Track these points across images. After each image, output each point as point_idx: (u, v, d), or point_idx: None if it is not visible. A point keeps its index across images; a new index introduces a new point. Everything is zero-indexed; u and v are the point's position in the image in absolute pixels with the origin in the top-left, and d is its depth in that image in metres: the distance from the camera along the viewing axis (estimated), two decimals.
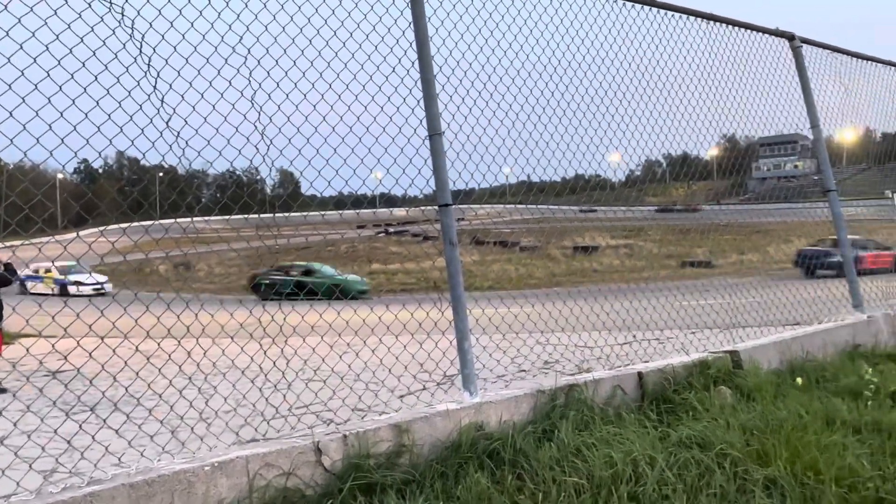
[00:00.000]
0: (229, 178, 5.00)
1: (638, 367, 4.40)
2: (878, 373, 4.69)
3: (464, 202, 6.00)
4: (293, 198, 5.37)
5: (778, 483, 3.08)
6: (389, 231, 41.38)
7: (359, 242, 38.48)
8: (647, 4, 5.00)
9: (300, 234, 14.99)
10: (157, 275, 22.54)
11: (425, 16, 3.84)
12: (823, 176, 6.27)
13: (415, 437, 3.37)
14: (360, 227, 45.96)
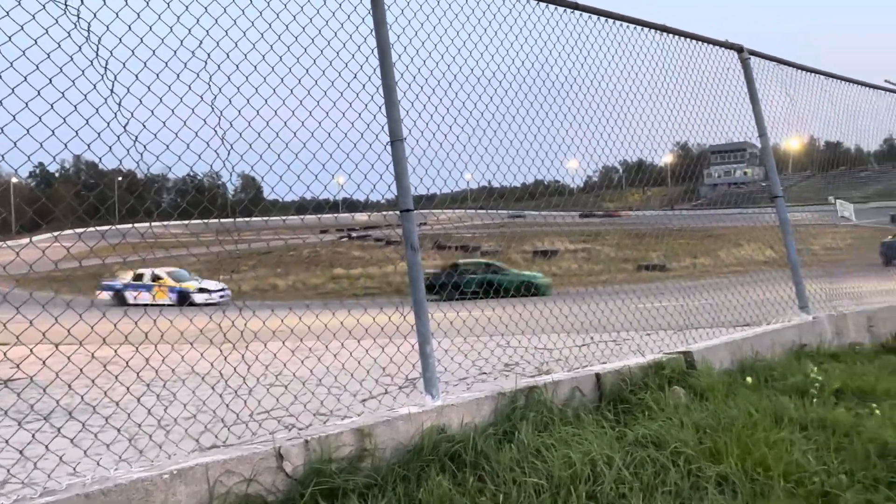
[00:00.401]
0: (190, 182, 4.91)
1: (596, 368, 4.45)
2: (823, 371, 4.82)
3: (426, 207, 5.99)
4: (255, 203, 5.30)
5: (729, 479, 3.15)
6: (352, 236, 41.15)
7: (321, 247, 38.16)
8: (604, 16, 5.07)
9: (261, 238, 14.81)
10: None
11: (386, 23, 3.83)
12: (771, 182, 6.45)
13: (377, 440, 3.34)
14: (322, 231, 45.59)
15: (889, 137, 22.67)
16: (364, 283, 24.05)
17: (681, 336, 6.91)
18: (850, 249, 18.79)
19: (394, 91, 3.81)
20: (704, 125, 6.58)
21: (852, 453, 3.40)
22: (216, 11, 3.36)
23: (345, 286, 24.35)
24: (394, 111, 3.79)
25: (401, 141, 3.77)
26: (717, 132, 6.80)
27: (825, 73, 7.36)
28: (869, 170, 18.15)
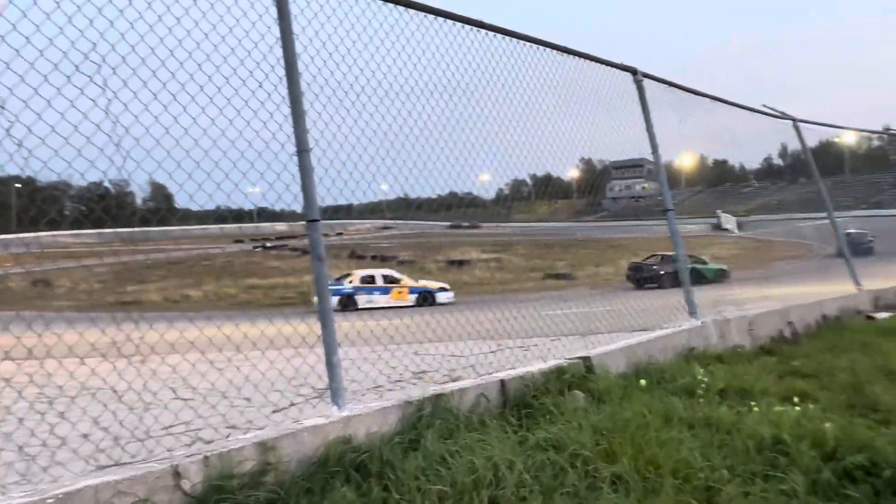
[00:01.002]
0: (95, 190, 4.62)
1: (501, 374, 4.48)
2: (709, 373, 5.06)
3: (343, 217, 5.90)
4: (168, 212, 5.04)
5: (623, 478, 3.23)
6: (268, 245, 40.03)
7: (236, 257, 36.93)
8: (508, 35, 5.16)
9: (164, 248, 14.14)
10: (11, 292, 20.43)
11: (293, 32, 3.74)
12: (663, 197, 6.74)
13: (281, 454, 3.22)
14: (237, 241, 44.08)
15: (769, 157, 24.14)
16: (279, 293, 23.41)
17: (583, 341, 7.11)
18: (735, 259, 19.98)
19: (300, 101, 3.72)
20: (605, 142, 6.83)
21: (733, 449, 3.56)
22: (111, 13, 3.17)
23: (259, 297, 23.62)
24: (300, 121, 3.70)
25: (307, 151, 3.68)
26: (617, 148, 7.07)
27: (710, 97, 7.80)
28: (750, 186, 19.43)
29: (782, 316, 7.39)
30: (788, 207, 41.64)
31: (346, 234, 43.90)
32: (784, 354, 6.33)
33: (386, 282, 22.27)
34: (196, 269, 29.47)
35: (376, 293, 21.82)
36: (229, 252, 38.64)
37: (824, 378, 5.31)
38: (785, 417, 3.93)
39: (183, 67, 3.41)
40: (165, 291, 24.99)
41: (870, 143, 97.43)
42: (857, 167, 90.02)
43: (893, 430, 3.91)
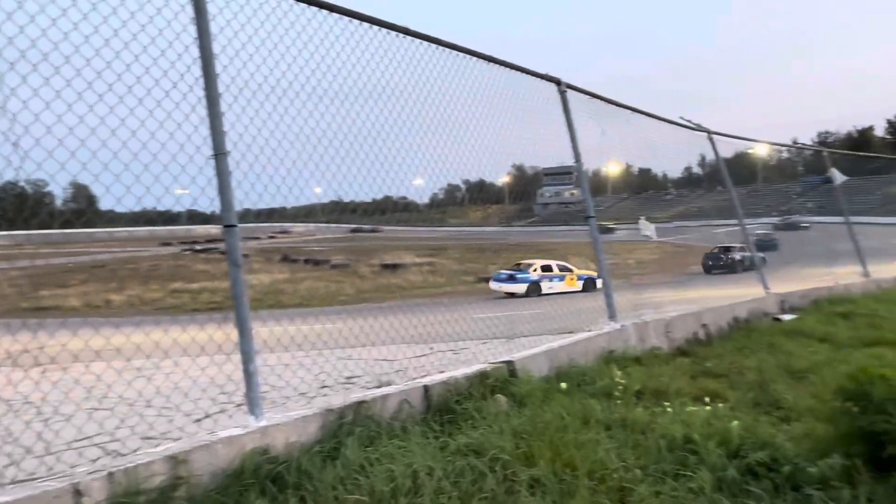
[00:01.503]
0: (10, 190, 4.33)
1: (425, 380, 4.45)
2: (627, 375, 5.17)
3: (276, 220, 5.75)
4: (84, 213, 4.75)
5: (541, 481, 3.25)
6: (197, 249, 38.65)
7: (163, 260, 35.48)
8: (434, 42, 5.14)
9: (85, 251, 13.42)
10: None
11: (210, 32, 3.60)
12: (585, 204, 6.88)
13: (193, 467, 3.08)
14: (165, 244, 42.36)
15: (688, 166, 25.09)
16: (207, 297, 22.64)
17: (511, 345, 7.17)
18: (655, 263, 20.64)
19: (217, 102, 3.58)
20: (536, 149, 6.93)
21: (646, 449, 3.64)
22: (9, 5, 2.96)
23: (186, 301, 22.76)
24: (217, 123, 3.56)
25: (224, 154, 3.54)
26: (548, 156, 7.19)
27: (630, 108, 8.02)
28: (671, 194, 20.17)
29: (697, 318, 7.66)
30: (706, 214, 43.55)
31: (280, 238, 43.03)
32: (698, 355, 6.55)
33: (560, 270, 24.55)
34: (120, 272, 28.18)
35: (555, 280, 23.94)
36: (156, 255, 37.13)
37: (734, 378, 5.52)
38: (695, 417, 4.04)
39: (90, 65, 3.22)
40: (87, 296, 23.74)
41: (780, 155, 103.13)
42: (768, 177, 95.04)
43: (794, 427, 4.10)
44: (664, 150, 9.64)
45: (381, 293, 22.32)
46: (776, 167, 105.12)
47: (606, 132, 7.84)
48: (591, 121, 7.55)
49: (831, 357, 6.19)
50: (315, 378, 6.95)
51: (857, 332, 7.67)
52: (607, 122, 7.86)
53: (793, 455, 3.41)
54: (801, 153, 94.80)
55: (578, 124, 7.07)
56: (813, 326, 7.90)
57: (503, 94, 6.28)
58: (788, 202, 79.35)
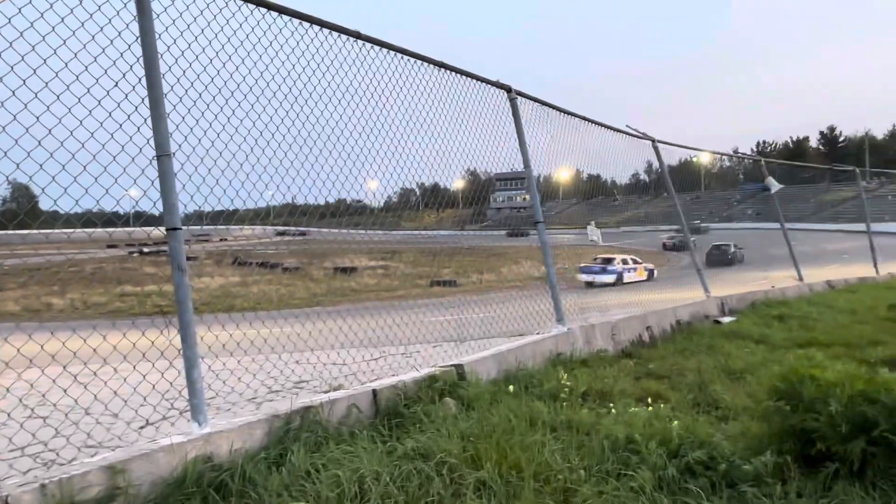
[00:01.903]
0: None
1: (374, 384, 4.40)
2: (573, 377, 5.23)
3: (228, 222, 5.64)
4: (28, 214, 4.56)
5: (487, 484, 3.25)
6: (144, 251, 37.47)
7: (108, 263, 34.23)
8: (385, 47, 5.12)
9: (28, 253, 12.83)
10: None
11: (154, 31, 3.50)
12: (533, 210, 6.95)
13: (132, 476, 2.97)
14: (110, 246, 40.88)
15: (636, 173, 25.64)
16: (155, 301, 21.95)
17: (461, 347, 7.16)
18: None
19: (161, 103, 3.47)
20: (490, 155, 6.96)
21: (591, 449, 3.68)
22: None
23: (133, 304, 22.02)
24: (161, 124, 3.46)
25: (168, 156, 3.44)
26: (501, 161, 7.23)
27: (579, 116, 8.15)
28: (619, 200, 20.55)
29: (642, 321, 7.82)
30: (653, 220, 44.79)
31: (231, 240, 42.11)
32: (642, 357, 6.68)
33: (633, 263, 28.15)
34: (62, 275, 27.06)
35: (632, 272, 27.28)
36: (101, 258, 35.81)
37: (675, 379, 5.65)
38: (638, 418, 4.11)
39: (24, 61, 3.08)
40: (25, 300, 22.72)
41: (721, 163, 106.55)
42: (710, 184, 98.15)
43: (730, 426, 4.22)
44: (612, 157, 9.85)
45: (334, 296, 22.08)
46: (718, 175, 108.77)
47: (556, 139, 7.96)
48: (542, 128, 7.65)
49: (766, 358, 6.41)
50: (262, 383, 6.81)
51: (790, 333, 7.97)
52: (557, 129, 7.98)
53: (729, 453, 3.50)
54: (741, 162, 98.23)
55: (529, 131, 7.15)
56: (750, 328, 8.16)
57: (456, 100, 6.31)
58: (730, 208, 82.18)
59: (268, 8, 4.18)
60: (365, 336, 6.27)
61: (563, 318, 6.70)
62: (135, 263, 34.42)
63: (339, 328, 5.93)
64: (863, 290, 13.22)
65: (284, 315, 7.97)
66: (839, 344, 7.06)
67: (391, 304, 18.94)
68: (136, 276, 28.35)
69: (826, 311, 9.77)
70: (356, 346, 7.45)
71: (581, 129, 8.46)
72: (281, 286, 24.84)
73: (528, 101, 7.31)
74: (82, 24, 3.30)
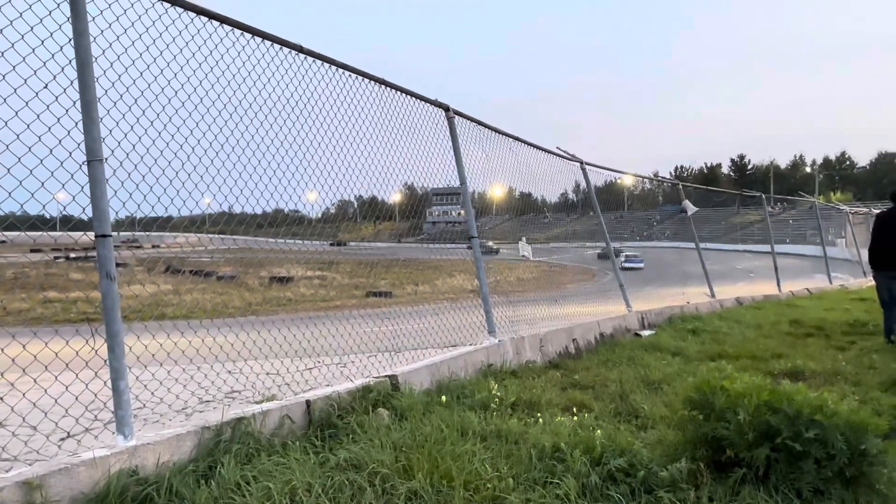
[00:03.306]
0: None
1: (307, 395, 4.30)
2: (504, 387, 5.27)
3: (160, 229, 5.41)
4: None
5: (419, 494, 3.22)
6: (70, 256, 35.49)
7: (31, 268, 32.22)
8: (327, 62, 5.06)
9: None
10: None
11: (89, 33, 3.33)
12: (468, 225, 7.00)
13: (49, 492, 2.78)
14: (34, 250, 38.47)
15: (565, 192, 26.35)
16: (80, 307, 20.80)
17: (395, 358, 7.10)
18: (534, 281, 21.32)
19: (94, 107, 3.31)
20: (426, 169, 6.98)
21: (519, 458, 3.71)
22: None
23: (57, 311, 20.79)
24: (93, 129, 3.29)
25: (99, 161, 3.27)
26: (437, 176, 7.26)
27: (512, 136, 8.30)
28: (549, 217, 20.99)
29: (568, 334, 7.98)
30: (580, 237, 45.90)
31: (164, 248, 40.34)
32: (568, 368, 6.80)
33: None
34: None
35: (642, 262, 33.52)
36: (24, 262, 33.67)
37: (599, 389, 5.79)
38: (563, 427, 4.17)
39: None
40: None
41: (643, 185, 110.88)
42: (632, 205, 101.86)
43: (649, 435, 4.34)
44: (543, 176, 10.07)
45: (270, 306, 21.53)
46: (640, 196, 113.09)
47: (491, 157, 8.07)
48: (477, 146, 7.75)
49: (682, 369, 6.65)
50: (193, 394, 6.53)
51: (703, 346, 8.31)
52: (492, 148, 8.10)
53: (647, 461, 3.60)
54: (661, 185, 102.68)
55: (465, 149, 7.23)
56: (667, 341, 8.46)
57: (394, 117, 6.31)
58: (650, 228, 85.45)
59: (209, 17, 4.07)
60: (300, 346, 6.12)
61: (495, 329, 6.76)
62: (60, 269, 32.54)
63: (274, 338, 5.78)
64: (767, 306, 13.96)
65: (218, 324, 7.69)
66: (746, 356, 7.42)
67: (327, 314, 18.61)
68: (61, 282, 26.84)
69: (735, 326, 10.25)
70: (291, 356, 7.26)
71: (514, 149, 8.62)
72: (215, 295, 24.03)
73: (465, 120, 7.39)
74: (10, 22, 3.11)
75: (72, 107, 3.30)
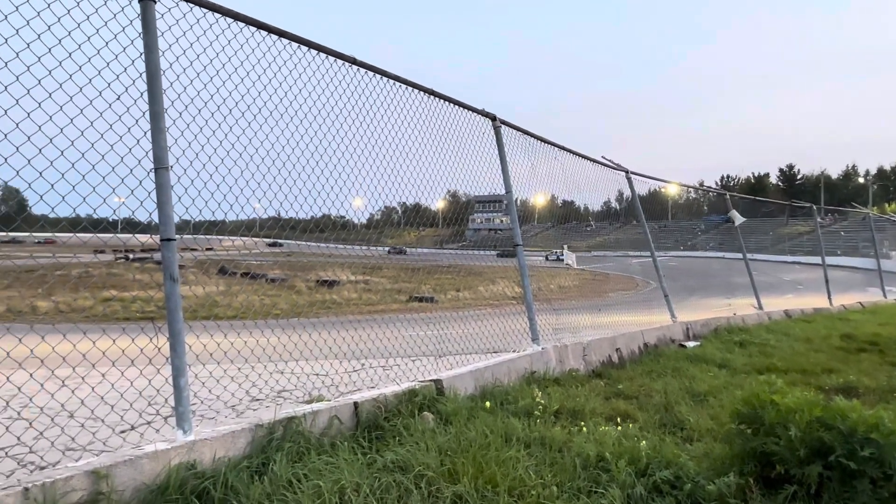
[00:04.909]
0: None
1: (355, 396, 4.35)
2: (547, 395, 5.23)
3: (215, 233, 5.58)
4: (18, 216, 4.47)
5: (464, 498, 3.22)
6: (130, 257, 36.82)
7: (95, 267, 33.56)
8: (379, 73, 5.14)
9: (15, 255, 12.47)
10: None
11: (158, 48, 3.48)
12: (513, 233, 6.98)
13: (115, 482, 2.89)
14: (98, 251, 40.07)
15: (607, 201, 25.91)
16: (139, 307, 21.55)
17: (438, 363, 7.13)
18: (576, 289, 21.07)
19: (162, 117, 3.44)
20: (470, 177, 7.01)
21: (563, 466, 3.68)
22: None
23: (117, 309, 21.57)
24: (160, 137, 3.42)
25: (165, 169, 3.40)
26: (480, 184, 7.28)
27: (558, 146, 8.25)
28: (591, 225, 20.71)
29: (611, 343, 7.86)
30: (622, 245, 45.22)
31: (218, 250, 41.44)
32: (612, 378, 6.70)
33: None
34: (48, 278, 26.39)
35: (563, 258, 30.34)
36: (88, 262, 35.11)
37: (643, 399, 5.68)
38: (608, 437, 4.11)
39: (30, 72, 3.04)
40: (10, 301, 22.12)
41: (688, 194, 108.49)
42: (676, 214, 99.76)
43: (695, 447, 4.24)
44: (586, 184, 9.96)
45: (316, 308, 21.87)
46: (684, 206, 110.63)
47: (535, 166, 8.04)
48: (522, 154, 7.73)
49: (728, 382, 6.48)
50: (246, 392, 6.70)
51: (750, 359, 8.07)
52: (536, 157, 8.06)
53: (694, 473, 3.52)
54: (705, 194, 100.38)
55: (509, 157, 7.22)
56: (713, 353, 8.24)
57: (441, 125, 6.35)
58: (694, 237, 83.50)
59: (269, 31, 4.19)
60: (346, 348, 6.21)
61: (538, 337, 6.71)
62: (121, 269, 33.77)
63: (321, 339, 5.87)
64: (818, 319, 13.45)
65: (267, 325, 7.86)
66: (796, 371, 7.17)
67: (371, 317, 18.82)
68: (121, 281, 27.81)
69: (784, 339, 9.91)
70: (337, 358, 7.38)
71: (559, 158, 8.56)
72: (264, 296, 24.53)
73: (510, 129, 7.38)
74: (88, 38, 3.27)
75: (141, 117, 3.44)
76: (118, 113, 3.36)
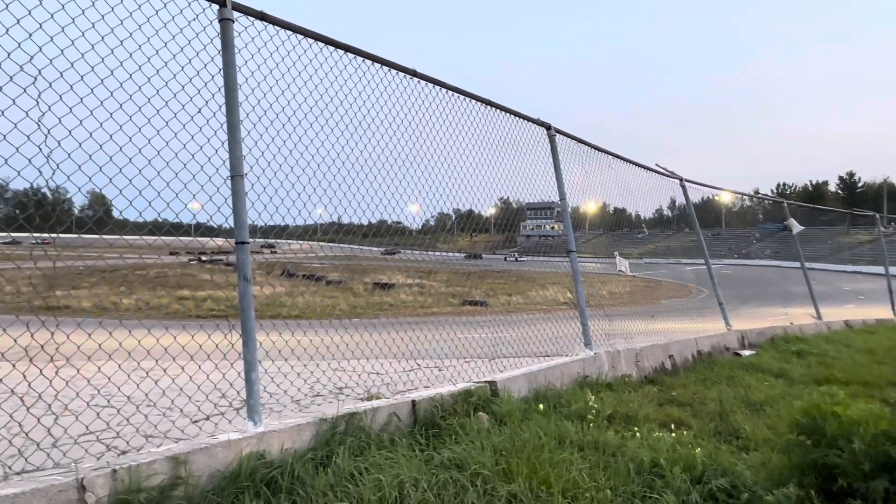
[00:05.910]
0: (32, 196, 4.27)
1: (413, 395, 4.39)
2: (600, 399, 5.14)
3: (278, 236, 5.76)
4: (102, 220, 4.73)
5: (518, 497, 3.20)
6: (202, 259, 38.28)
7: (170, 268, 35.09)
8: (438, 84, 5.19)
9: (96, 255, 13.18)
10: None
11: (236, 65, 3.62)
12: (567, 239, 6.90)
13: (192, 468, 3.01)
14: (172, 253, 41.93)
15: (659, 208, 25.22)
16: (210, 305, 22.40)
17: (491, 365, 7.11)
18: (628, 296, 20.65)
19: (237, 129, 3.58)
20: (522, 184, 6.98)
21: (616, 470, 3.61)
22: (52, 28, 2.96)
23: (190, 308, 22.50)
24: (236, 148, 3.56)
25: (241, 176, 3.53)
26: (532, 191, 7.23)
27: (611, 153, 8.11)
28: (643, 233, 20.28)
29: (664, 350, 7.66)
30: (675, 253, 44.00)
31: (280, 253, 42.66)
32: (665, 384, 6.53)
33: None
34: (129, 277, 27.81)
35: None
36: (164, 263, 36.74)
37: (697, 407, 5.51)
38: (662, 443, 4.01)
39: (123, 88, 3.22)
40: (97, 298, 23.40)
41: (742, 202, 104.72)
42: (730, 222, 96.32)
43: (752, 457, 4.09)
44: (639, 192, 9.75)
45: (372, 310, 22.20)
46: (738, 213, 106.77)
47: (589, 174, 7.93)
48: (575, 162, 7.64)
49: (786, 392, 6.21)
50: (310, 388, 6.85)
51: (809, 369, 7.70)
52: (591, 165, 7.96)
53: (751, 483, 3.39)
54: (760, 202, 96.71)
55: (563, 165, 7.15)
56: (769, 362, 7.92)
57: (496, 134, 6.35)
58: (748, 245, 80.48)
59: (336, 46, 4.30)
60: (402, 348, 6.28)
61: (591, 342, 6.60)
62: (193, 270, 35.19)
63: (379, 339, 5.97)
64: (881, 331, 12.72)
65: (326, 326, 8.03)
66: (857, 382, 6.80)
67: (425, 319, 18.97)
68: (193, 281, 29.02)
69: (844, 350, 9.42)
70: (394, 357, 7.47)
71: (613, 166, 8.42)
72: (324, 297, 25.09)
73: (564, 137, 7.31)
74: (174, 56, 3.44)
75: (220, 128, 3.58)
76: (199, 125, 3.51)
